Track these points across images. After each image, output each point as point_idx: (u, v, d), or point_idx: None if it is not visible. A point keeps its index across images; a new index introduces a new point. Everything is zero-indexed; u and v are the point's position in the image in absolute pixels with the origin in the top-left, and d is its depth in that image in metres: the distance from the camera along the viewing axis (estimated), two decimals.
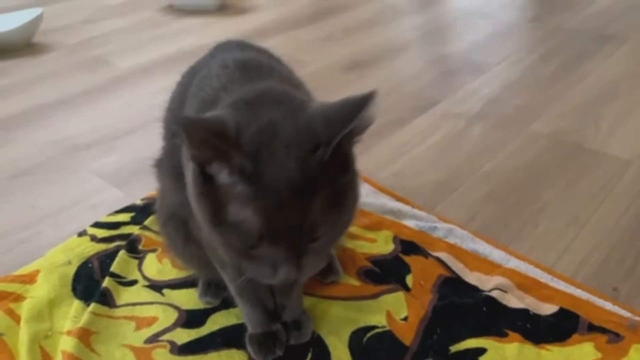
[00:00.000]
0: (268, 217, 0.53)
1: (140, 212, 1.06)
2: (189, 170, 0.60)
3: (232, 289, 0.79)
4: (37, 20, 1.95)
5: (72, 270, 0.93)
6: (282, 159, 0.53)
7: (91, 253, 0.97)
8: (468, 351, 0.79)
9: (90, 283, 0.91)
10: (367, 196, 1.10)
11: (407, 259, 0.94)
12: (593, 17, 2.06)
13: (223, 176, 0.55)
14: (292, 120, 0.56)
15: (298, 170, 0.53)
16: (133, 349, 0.80)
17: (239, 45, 0.82)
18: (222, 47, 0.82)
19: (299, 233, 0.54)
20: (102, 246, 0.98)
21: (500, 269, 0.92)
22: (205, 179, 0.56)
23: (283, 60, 0.82)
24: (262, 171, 0.53)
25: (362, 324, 0.83)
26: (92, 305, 0.86)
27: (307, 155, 0.53)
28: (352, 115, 0.53)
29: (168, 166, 0.76)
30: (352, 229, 1.00)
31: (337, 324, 0.83)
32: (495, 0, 2.30)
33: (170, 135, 0.77)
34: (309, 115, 0.56)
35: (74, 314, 0.85)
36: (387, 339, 0.81)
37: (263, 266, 0.57)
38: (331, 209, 0.55)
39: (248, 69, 0.69)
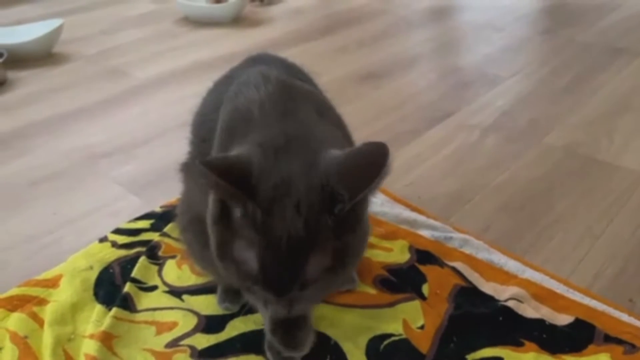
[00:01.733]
0: (265, 266, 0.56)
1: (159, 219, 1.08)
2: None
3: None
4: (58, 30, 1.99)
5: (93, 275, 0.95)
6: (291, 217, 0.55)
7: (112, 259, 0.99)
8: None
9: (112, 288, 0.93)
10: (383, 206, 1.11)
11: (423, 269, 0.95)
12: (605, 31, 2.07)
13: (237, 213, 0.57)
14: (308, 177, 0.57)
15: (303, 229, 0.55)
16: (154, 353, 0.81)
17: (278, 60, 0.84)
18: (261, 59, 0.83)
19: (291, 284, 0.57)
20: (123, 252, 1.00)
21: (516, 279, 0.93)
22: (223, 208, 0.59)
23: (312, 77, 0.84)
24: (270, 224, 0.55)
25: (378, 332, 0.84)
26: (114, 309, 0.88)
27: (316, 216, 0.55)
28: (369, 180, 0.55)
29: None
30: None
31: (354, 331, 0.84)
32: (508, 14, 2.32)
33: (200, 140, 0.78)
34: (326, 172, 0.56)
35: (96, 318, 0.87)
36: (403, 347, 0.81)
37: (257, 300, 0.64)
38: (330, 264, 0.58)
39: (287, 91, 0.70)
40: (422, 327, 0.84)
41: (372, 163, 0.55)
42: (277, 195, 0.56)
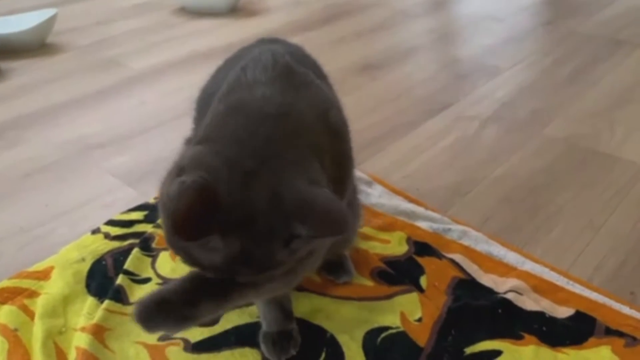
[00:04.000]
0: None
1: (153, 211, 1.06)
2: None
3: None
4: (51, 21, 1.97)
5: (86, 267, 0.93)
6: (253, 249, 0.55)
7: (105, 250, 0.97)
8: (483, 353, 0.78)
9: (104, 280, 0.91)
10: (381, 197, 1.10)
11: (421, 260, 0.94)
12: (606, 23, 2.05)
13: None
14: (271, 213, 0.55)
15: (266, 259, 0.56)
16: (147, 346, 0.80)
17: (293, 46, 0.82)
18: (273, 43, 0.82)
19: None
20: (116, 244, 0.99)
21: (515, 272, 0.91)
22: None
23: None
24: (230, 254, 0.55)
25: (375, 325, 0.82)
26: (106, 302, 0.86)
27: (277, 249, 0.56)
28: (326, 232, 0.57)
29: None
30: (366, 229, 1.00)
31: (351, 324, 0.82)
32: (509, 5, 2.29)
33: (201, 116, 0.75)
34: (288, 210, 0.55)
35: (88, 310, 0.85)
36: (401, 339, 0.80)
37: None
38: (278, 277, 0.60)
39: (290, 78, 0.68)
40: (419, 320, 0.83)
41: (333, 221, 0.56)
42: (241, 232, 0.55)
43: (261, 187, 0.56)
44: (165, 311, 0.60)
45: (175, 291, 0.60)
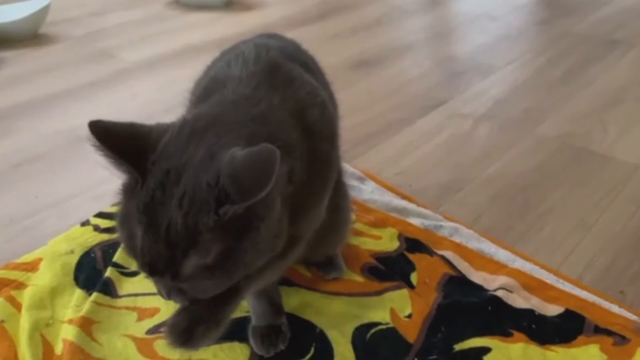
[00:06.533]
0: (144, 246, 0.54)
1: None
2: None
3: None
4: (44, 11, 1.95)
5: (74, 259, 0.93)
6: (173, 208, 0.53)
7: (94, 243, 0.96)
8: (472, 350, 0.78)
9: (93, 272, 0.90)
10: (373, 193, 1.09)
11: (412, 257, 0.94)
12: (601, 23, 2.06)
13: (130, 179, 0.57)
14: (200, 171, 0.53)
15: (182, 225, 0.52)
16: (134, 339, 0.79)
17: (290, 43, 0.82)
18: (272, 38, 0.81)
19: (165, 271, 0.54)
20: (105, 236, 0.98)
21: (506, 269, 0.91)
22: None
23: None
24: (154, 209, 0.53)
25: (365, 320, 0.82)
26: (94, 294, 0.85)
27: (196, 213, 0.52)
28: (261, 186, 0.50)
29: None
30: (357, 225, 1.00)
31: (340, 319, 0.82)
32: (504, 4, 2.29)
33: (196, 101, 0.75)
34: (219, 170, 0.52)
35: (76, 302, 0.84)
36: (390, 335, 0.80)
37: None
38: (210, 264, 0.54)
39: (272, 74, 0.67)
40: (409, 316, 0.83)
41: (262, 168, 0.51)
42: (167, 182, 0.53)
43: (203, 145, 0.55)
44: (202, 324, 0.60)
45: (197, 306, 0.60)
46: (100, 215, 1.03)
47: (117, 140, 0.55)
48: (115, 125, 0.56)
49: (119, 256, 0.92)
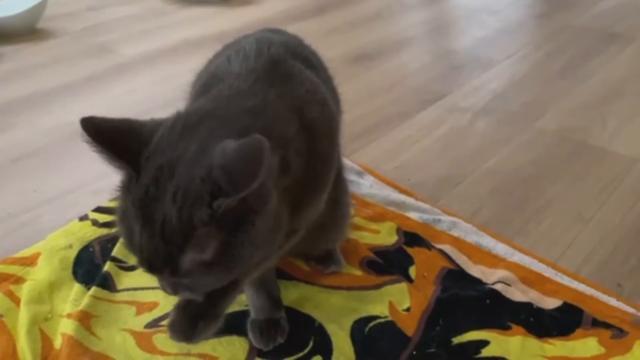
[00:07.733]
0: (142, 243, 0.54)
1: None
2: None
3: None
4: (42, 5, 1.94)
5: (73, 253, 0.92)
6: (167, 203, 0.52)
7: (92, 237, 0.96)
8: (470, 343, 0.78)
9: (91, 267, 0.90)
10: (371, 187, 1.09)
11: (411, 251, 0.94)
12: (600, 16, 2.05)
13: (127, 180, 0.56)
14: (193, 165, 0.53)
15: (176, 219, 0.52)
16: (133, 333, 0.79)
17: (293, 38, 0.82)
18: (270, 30, 0.82)
19: (163, 267, 0.54)
20: (104, 231, 0.98)
21: (504, 263, 0.91)
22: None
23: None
24: (149, 205, 0.53)
25: (364, 314, 0.82)
26: (93, 289, 0.85)
27: (191, 208, 0.52)
28: (251, 177, 0.50)
29: None
30: (356, 219, 1.00)
31: (339, 313, 0.82)
32: None
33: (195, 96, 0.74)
34: (212, 163, 0.52)
35: (74, 297, 0.84)
36: (389, 329, 0.80)
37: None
38: (209, 260, 0.54)
39: (272, 70, 0.66)
40: (408, 310, 0.83)
41: (252, 159, 0.50)
42: (160, 178, 0.53)
43: (195, 140, 0.55)
44: (201, 319, 0.62)
45: (196, 300, 0.62)
46: (99, 209, 1.03)
47: (109, 136, 0.54)
48: (107, 121, 0.56)
49: (117, 250, 0.92)
